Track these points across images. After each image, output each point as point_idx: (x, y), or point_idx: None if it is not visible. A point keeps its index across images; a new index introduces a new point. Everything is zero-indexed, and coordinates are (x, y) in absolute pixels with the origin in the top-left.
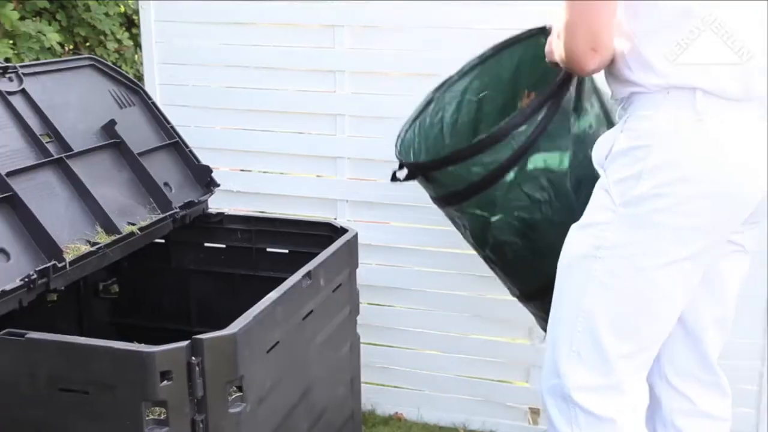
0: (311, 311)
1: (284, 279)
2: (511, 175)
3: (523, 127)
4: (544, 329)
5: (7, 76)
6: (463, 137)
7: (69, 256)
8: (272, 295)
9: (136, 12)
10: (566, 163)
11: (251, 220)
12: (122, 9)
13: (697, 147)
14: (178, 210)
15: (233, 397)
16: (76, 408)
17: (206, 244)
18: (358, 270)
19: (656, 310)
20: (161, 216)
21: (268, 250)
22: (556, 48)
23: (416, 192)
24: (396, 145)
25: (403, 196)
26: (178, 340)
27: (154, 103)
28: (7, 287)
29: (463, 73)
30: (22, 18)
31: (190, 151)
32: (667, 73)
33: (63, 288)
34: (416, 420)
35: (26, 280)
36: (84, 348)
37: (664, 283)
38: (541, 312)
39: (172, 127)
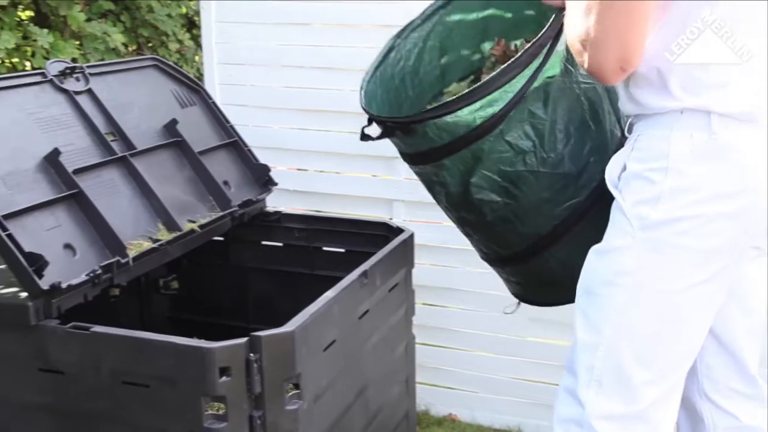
0: (367, 311)
1: (340, 278)
2: (500, 126)
3: (519, 76)
4: (517, 296)
5: (75, 76)
6: (426, 87)
7: (132, 253)
8: (329, 294)
9: (197, 13)
10: (551, 109)
11: (308, 219)
12: (184, 10)
13: (715, 167)
14: (236, 208)
15: (290, 394)
16: (138, 401)
17: (264, 243)
18: (413, 270)
19: (680, 334)
20: (220, 214)
21: (325, 249)
22: (576, 54)
23: None
24: (360, 98)
25: None
26: (236, 337)
27: (214, 103)
28: (74, 282)
29: (425, 17)
30: (88, 19)
31: (249, 150)
32: (682, 98)
33: (125, 283)
34: (470, 422)
35: (91, 275)
36: (146, 342)
37: (688, 307)
38: (517, 277)
39: (231, 126)
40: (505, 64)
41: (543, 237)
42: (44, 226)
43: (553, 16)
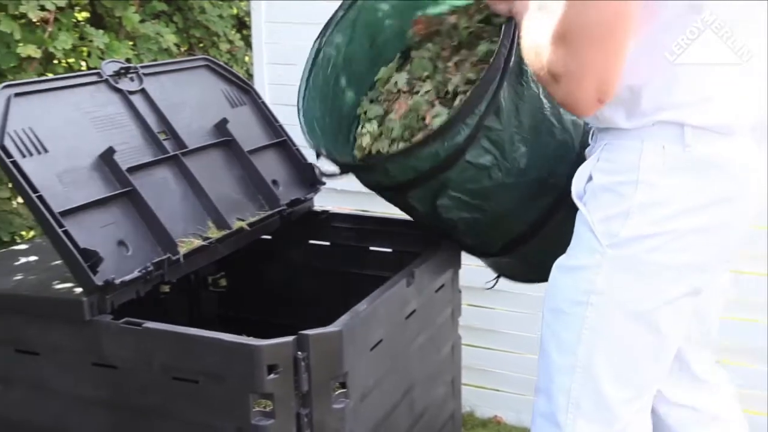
0: (414, 311)
1: (388, 278)
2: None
3: (480, 106)
4: (497, 271)
5: (129, 76)
6: (365, 73)
7: (183, 250)
8: (376, 294)
9: (248, 14)
10: (506, 117)
11: (356, 218)
12: (235, 11)
13: (687, 180)
14: (285, 207)
15: (337, 393)
16: (188, 396)
17: (311, 242)
18: (459, 271)
19: (657, 351)
20: (269, 212)
21: (372, 248)
22: (545, 84)
23: None
24: (300, 123)
25: None
26: (284, 335)
27: (263, 103)
28: (127, 278)
29: (348, 6)
30: (142, 20)
31: (297, 150)
32: (655, 114)
33: (175, 280)
34: (515, 424)
35: (143, 271)
36: (196, 339)
37: (663, 323)
38: (496, 264)
39: (280, 125)
40: (467, 96)
41: (520, 235)
42: (99, 223)
43: (503, 27)
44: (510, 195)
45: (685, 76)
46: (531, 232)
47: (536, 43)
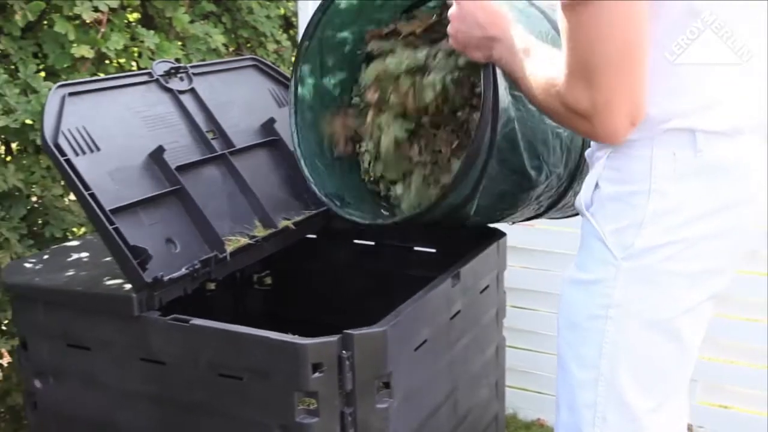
0: (458, 312)
1: (433, 278)
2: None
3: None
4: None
5: (179, 75)
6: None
7: (229, 248)
8: (421, 294)
9: (295, 14)
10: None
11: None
12: (282, 11)
13: (698, 186)
14: None
15: (380, 392)
16: (233, 393)
17: (356, 241)
18: (504, 272)
19: (678, 358)
20: (314, 212)
21: (417, 249)
22: (568, 122)
23: None
24: (306, 174)
25: None
26: (328, 334)
27: None
28: (174, 275)
29: (310, 35)
30: (191, 21)
31: None
32: (664, 124)
33: (221, 278)
34: None
35: (191, 269)
36: (242, 336)
37: (684, 331)
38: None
39: None
40: (465, 156)
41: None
42: (148, 221)
43: (482, 74)
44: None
45: (689, 79)
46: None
47: (549, 83)
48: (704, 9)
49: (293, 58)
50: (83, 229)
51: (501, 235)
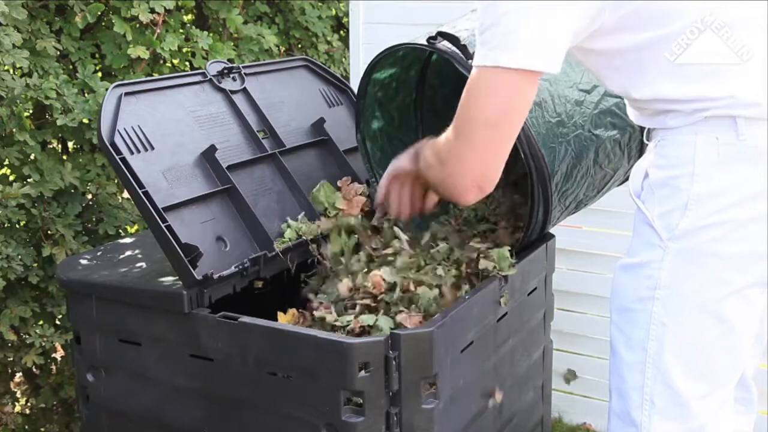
0: (506, 314)
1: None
2: None
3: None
4: None
5: (232, 75)
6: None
7: (278, 247)
8: (468, 295)
9: (346, 14)
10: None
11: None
12: (333, 12)
13: (742, 169)
14: None
15: (426, 393)
16: (281, 391)
17: None
18: (553, 274)
19: (726, 343)
20: None
21: None
22: (425, 169)
23: (613, 198)
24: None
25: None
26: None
27: None
28: (224, 273)
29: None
30: (245, 22)
31: None
32: (701, 111)
33: (269, 276)
34: None
35: (240, 267)
36: (290, 335)
37: (730, 315)
38: None
39: None
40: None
41: None
42: (199, 219)
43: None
44: None
45: (693, 72)
46: None
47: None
48: (704, 8)
49: (344, 59)
50: (136, 227)
51: (550, 236)
